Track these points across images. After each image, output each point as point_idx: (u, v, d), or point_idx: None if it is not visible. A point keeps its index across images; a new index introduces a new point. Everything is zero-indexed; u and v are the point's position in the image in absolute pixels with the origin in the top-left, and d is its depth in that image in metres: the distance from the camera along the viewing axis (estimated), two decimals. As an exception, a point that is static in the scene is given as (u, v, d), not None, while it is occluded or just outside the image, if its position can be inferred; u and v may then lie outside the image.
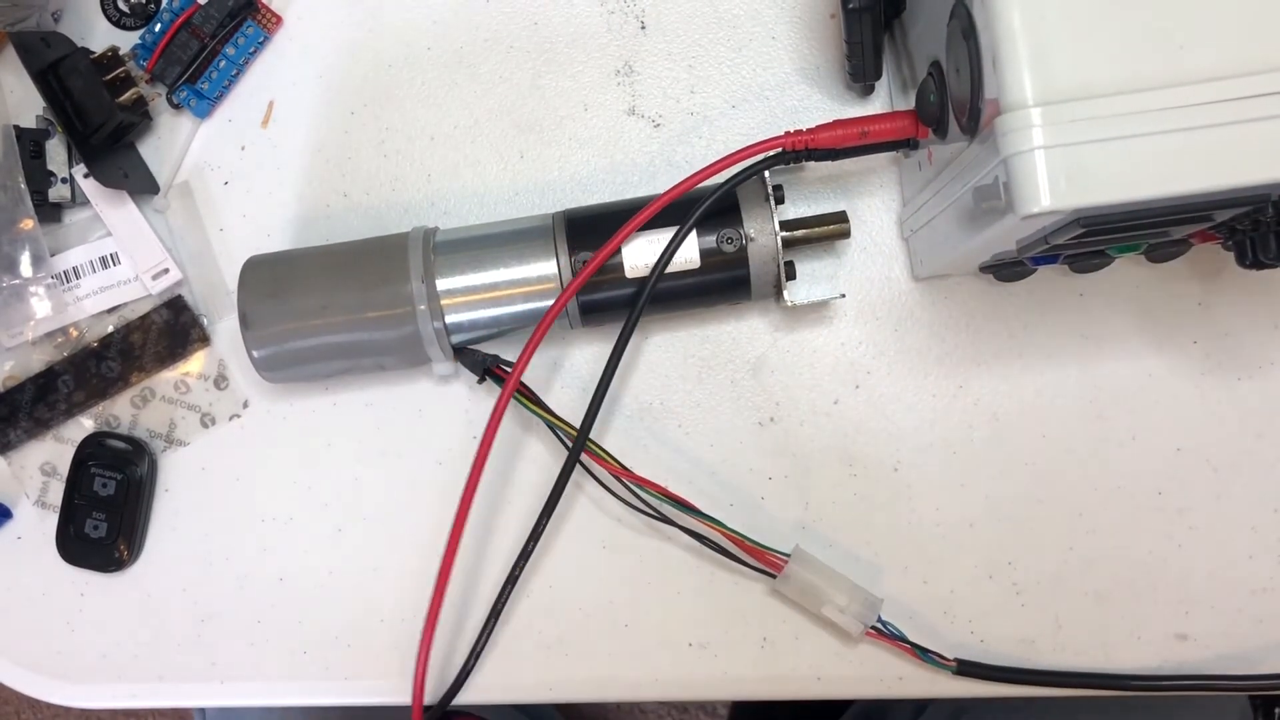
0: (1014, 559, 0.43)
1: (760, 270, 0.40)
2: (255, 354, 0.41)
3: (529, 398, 0.42)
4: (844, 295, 0.44)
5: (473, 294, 0.40)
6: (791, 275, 0.41)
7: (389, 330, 0.40)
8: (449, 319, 0.40)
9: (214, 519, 0.46)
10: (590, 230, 0.40)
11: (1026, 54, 0.28)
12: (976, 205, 0.33)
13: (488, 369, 0.42)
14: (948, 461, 0.43)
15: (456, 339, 0.41)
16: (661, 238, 0.39)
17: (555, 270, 0.40)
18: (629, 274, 0.40)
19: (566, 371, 0.45)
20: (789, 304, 0.41)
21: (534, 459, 0.45)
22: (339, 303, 0.40)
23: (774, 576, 0.41)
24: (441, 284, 0.40)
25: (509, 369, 0.42)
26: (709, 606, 0.44)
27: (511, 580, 0.42)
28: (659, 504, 0.41)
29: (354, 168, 0.46)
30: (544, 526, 0.41)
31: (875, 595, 0.41)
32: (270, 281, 0.41)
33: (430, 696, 0.44)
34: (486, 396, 0.45)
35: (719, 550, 0.42)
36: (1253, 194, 0.29)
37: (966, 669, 0.41)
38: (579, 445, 0.40)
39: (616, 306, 0.40)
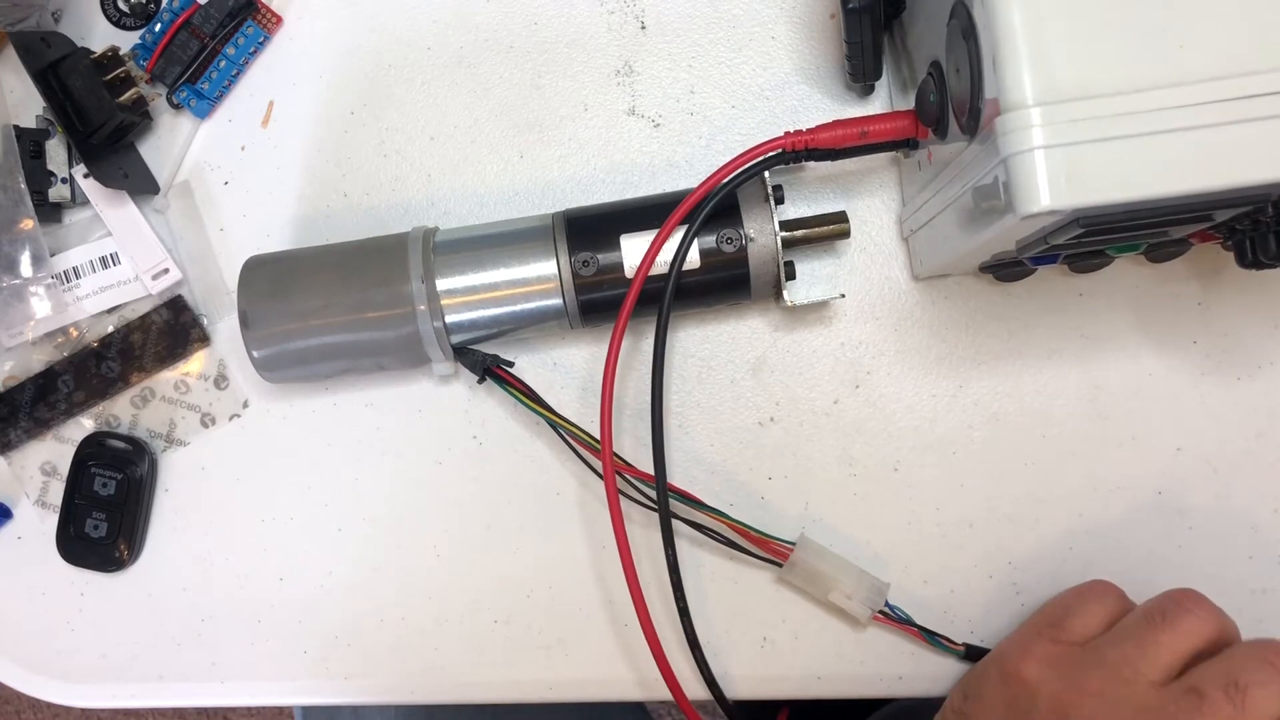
0: (1014, 559, 0.43)
1: (760, 270, 0.40)
2: (255, 354, 0.41)
3: (532, 398, 0.42)
4: (843, 295, 0.44)
5: (472, 294, 0.40)
6: (791, 275, 0.41)
7: (389, 330, 0.40)
8: (449, 319, 0.40)
9: (214, 519, 0.47)
10: (590, 230, 0.40)
11: (1026, 54, 0.29)
12: (976, 205, 0.33)
13: (487, 369, 0.42)
14: (948, 461, 0.43)
15: (456, 339, 0.41)
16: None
17: (555, 270, 0.40)
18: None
19: (565, 371, 0.45)
20: (789, 304, 0.41)
21: (534, 457, 0.45)
22: (339, 303, 0.40)
23: (780, 565, 0.41)
24: (441, 284, 0.40)
25: (509, 368, 0.42)
26: (709, 606, 0.44)
27: (676, 586, 0.41)
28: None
29: (354, 168, 0.46)
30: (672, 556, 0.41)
31: (882, 580, 0.41)
32: (270, 282, 0.41)
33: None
34: (486, 396, 0.45)
35: (725, 542, 0.41)
36: (1253, 194, 0.29)
37: (974, 654, 0.41)
38: (663, 497, 0.40)
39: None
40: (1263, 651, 0.32)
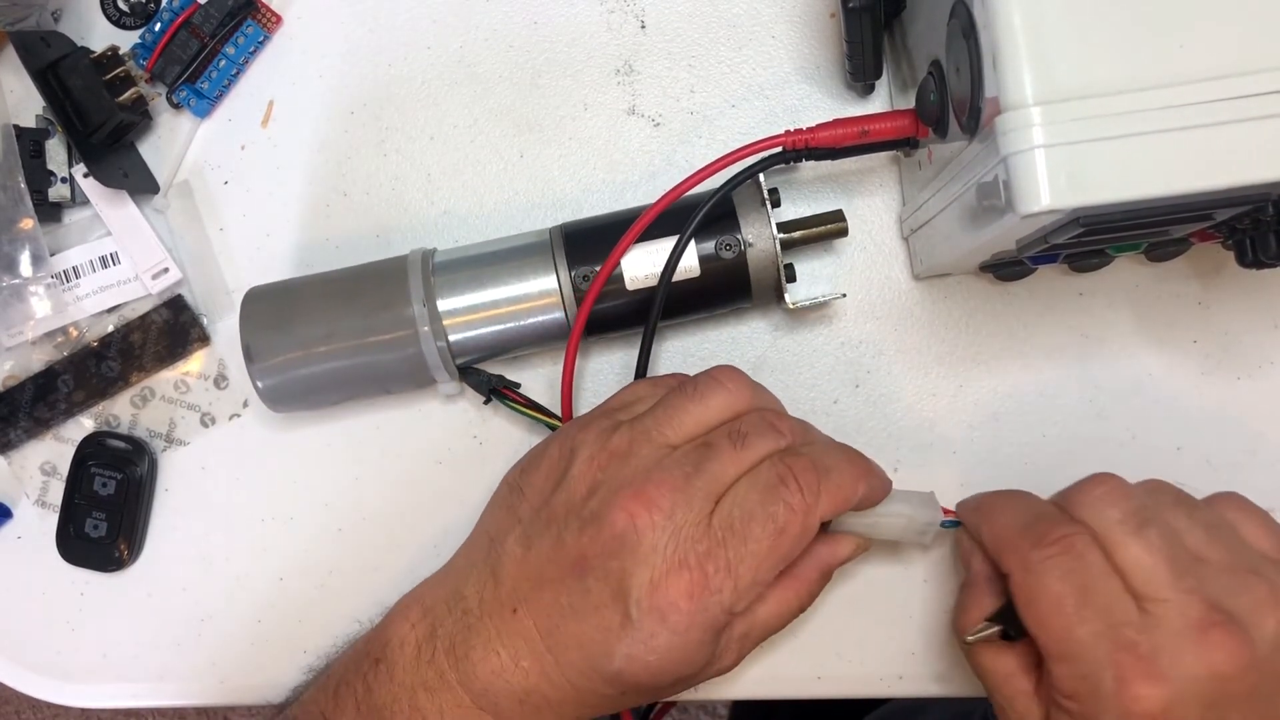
0: (1014, 559, 0.43)
1: (760, 275, 0.40)
2: (260, 385, 0.40)
3: (541, 413, 0.42)
4: (845, 294, 0.44)
5: (475, 313, 0.40)
6: (791, 277, 0.41)
7: (393, 353, 0.40)
8: (452, 339, 0.40)
9: (214, 519, 0.46)
10: (588, 243, 0.40)
11: (1026, 53, 0.29)
12: (976, 204, 0.33)
13: (493, 389, 0.42)
14: (948, 461, 0.43)
15: (461, 359, 0.41)
16: (659, 247, 0.39)
17: (556, 285, 0.40)
18: (629, 286, 0.39)
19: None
20: (790, 306, 0.41)
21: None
22: (342, 329, 0.40)
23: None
24: (443, 304, 0.40)
25: (515, 388, 0.43)
26: (709, 606, 0.44)
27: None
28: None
29: (354, 167, 0.46)
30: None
31: (924, 491, 0.38)
32: (272, 312, 0.41)
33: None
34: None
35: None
36: (1253, 194, 0.29)
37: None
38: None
39: (619, 319, 0.40)
40: (765, 414, 0.36)
